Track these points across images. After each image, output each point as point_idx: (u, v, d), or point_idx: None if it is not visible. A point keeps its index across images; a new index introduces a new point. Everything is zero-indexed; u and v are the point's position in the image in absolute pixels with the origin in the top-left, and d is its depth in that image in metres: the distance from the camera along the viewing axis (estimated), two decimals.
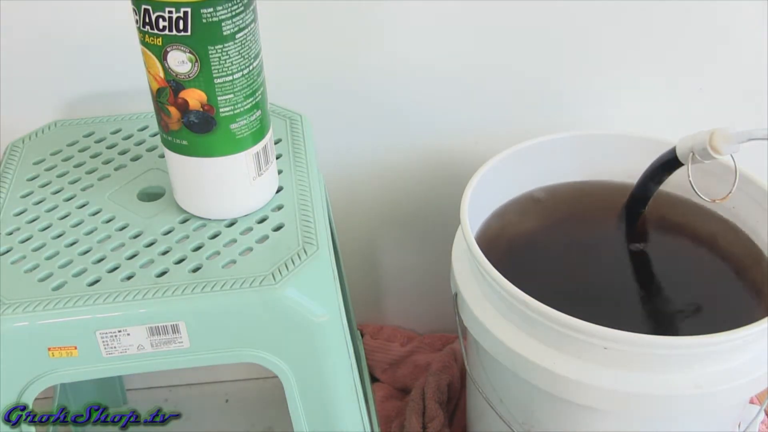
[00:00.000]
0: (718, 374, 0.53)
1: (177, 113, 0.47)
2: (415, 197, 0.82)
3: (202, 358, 0.48)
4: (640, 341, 0.50)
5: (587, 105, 0.76)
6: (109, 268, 0.48)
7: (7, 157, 0.59)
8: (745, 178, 0.63)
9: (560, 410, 0.59)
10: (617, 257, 0.65)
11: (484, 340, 0.59)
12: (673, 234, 0.68)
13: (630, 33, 0.71)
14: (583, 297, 0.60)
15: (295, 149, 0.59)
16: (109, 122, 0.63)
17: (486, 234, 0.66)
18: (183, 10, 0.43)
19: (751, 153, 0.61)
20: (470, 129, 0.77)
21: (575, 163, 0.71)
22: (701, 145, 0.57)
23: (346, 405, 0.52)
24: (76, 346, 0.46)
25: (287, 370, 0.48)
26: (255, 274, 0.47)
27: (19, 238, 0.51)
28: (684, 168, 0.60)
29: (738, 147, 0.56)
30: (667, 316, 0.60)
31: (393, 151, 0.78)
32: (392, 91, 0.74)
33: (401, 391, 0.87)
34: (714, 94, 0.75)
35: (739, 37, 0.72)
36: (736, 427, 0.64)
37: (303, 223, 0.51)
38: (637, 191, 0.66)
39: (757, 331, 0.50)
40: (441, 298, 0.76)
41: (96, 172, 0.57)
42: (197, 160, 0.49)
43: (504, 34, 0.71)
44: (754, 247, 0.64)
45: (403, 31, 0.70)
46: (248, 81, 0.47)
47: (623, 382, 0.53)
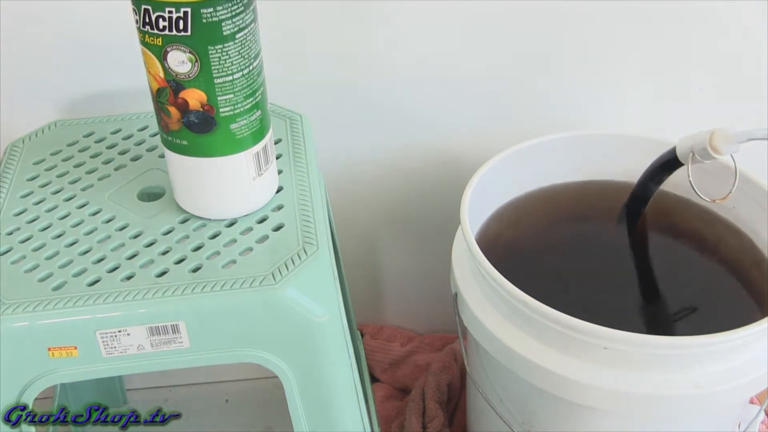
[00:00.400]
0: (718, 374, 0.53)
1: (177, 113, 0.47)
2: (415, 197, 0.82)
3: (202, 358, 0.48)
4: (640, 341, 0.50)
5: (587, 105, 0.76)
6: (109, 268, 0.48)
7: (7, 157, 0.59)
8: (745, 178, 0.62)
9: (560, 410, 0.59)
10: (617, 257, 0.65)
11: (484, 340, 0.59)
12: (673, 234, 0.67)
13: (630, 33, 0.71)
14: (583, 297, 0.60)
15: (295, 149, 0.59)
16: (109, 122, 0.63)
17: (486, 234, 0.66)
18: (183, 10, 0.43)
19: (751, 153, 0.61)
20: (470, 129, 0.77)
21: (575, 163, 0.71)
22: (701, 145, 0.57)
23: (346, 405, 0.52)
24: (76, 346, 0.46)
25: (287, 370, 0.48)
26: (255, 274, 0.47)
27: (19, 238, 0.51)
28: (684, 168, 0.60)
29: (738, 147, 0.56)
30: (667, 316, 0.60)
31: (393, 151, 0.78)
32: (392, 91, 0.74)
33: (401, 391, 0.87)
34: (714, 94, 0.75)
35: (739, 37, 0.72)
36: (736, 427, 0.64)
37: (303, 223, 0.51)
38: (637, 191, 0.66)
39: (757, 331, 0.50)
40: (441, 298, 0.76)
41: (96, 172, 0.57)
42: (197, 160, 0.49)
43: (504, 34, 0.71)
44: (754, 247, 0.64)
45: (404, 31, 0.70)
46: (248, 81, 0.47)
47: (623, 382, 0.53)
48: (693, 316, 0.59)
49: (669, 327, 0.59)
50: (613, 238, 0.67)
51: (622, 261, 0.65)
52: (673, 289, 0.62)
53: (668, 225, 0.68)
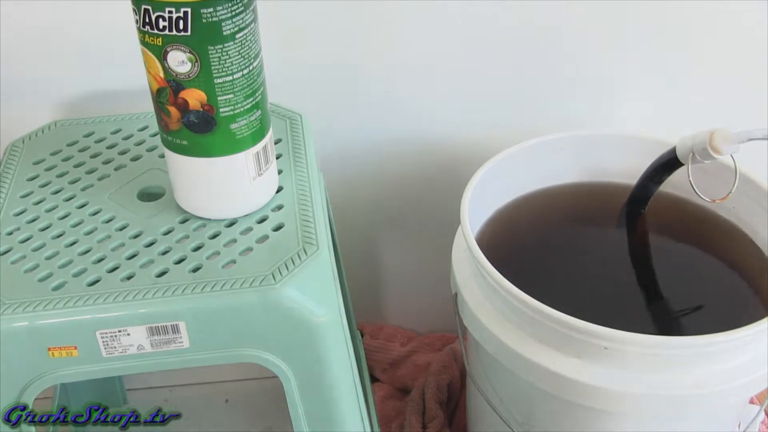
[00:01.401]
0: (718, 374, 0.53)
1: (177, 113, 0.47)
2: (416, 197, 0.82)
3: (202, 358, 0.48)
4: (640, 341, 0.50)
5: (587, 105, 0.76)
6: (109, 268, 0.48)
7: (7, 157, 0.59)
8: (745, 178, 0.62)
9: (560, 410, 0.59)
10: (617, 257, 0.65)
11: (484, 340, 0.59)
12: (673, 234, 0.67)
13: (630, 33, 0.71)
14: (583, 297, 0.60)
15: (295, 149, 0.59)
16: (109, 122, 0.63)
17: (486, 234, 0.66)
18: (183, 10, 0.43)
19: (751, 153, 0.61)
20: (470, 129, 0.77)
21: (575, 163, 0.71)
22: (701, 145, 0.57)
23: (346, 405, 0.52)
24: (76, 346, 0.46)
25: (287, 370, 0.48)
26: (255, 274, 0.47)
27: (19, 238, 0.51)
28: (684, 168, 0.60)
29: (738, 147, 0.56)
30: (667, 316, 0.60)
31: (393, 151, 0.78)
32: (392, 91, 0.74)
33: (401, 391, 0.87)
34: (714, 94, 0.75)
35: (739, 37, 0.72)
36: (736, 427, 0.64)
37: (303, 223, 0.51)
38: (637, 191, 0.66)
39: (757, 331, 0.50)
40: (441, 298, 0.76)
41: (96, 172, 0.57)
42: (197, 160, 0.49)
43: (504, 34, 0.71)
44: (754, 247, 0.64)
45: (404, 31, 0.70)
46: (248, 81, 0.47)
47: (623, 382, 0.53)
48: (693, 316, 0.59)
49: (669, 327, 0.59)
50: (614, 238, 0.67)
51: (623, 261, 0.65)
52: (673, 289, 0.62)
53: (668, 225, 0.68)
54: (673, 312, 0.60)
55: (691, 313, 0.59)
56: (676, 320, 0.59)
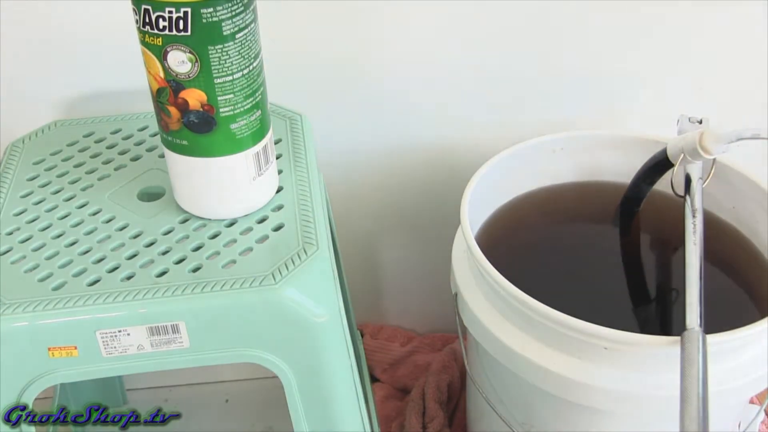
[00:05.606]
0: (719, 374, 0.53)
1: (177, 113, 0.47)
2: (415, 197, 0.82)
3: (202, 358, 0.48)
4: (640, 341, 0.50)
5: (587, 105, 0.76)
6: (109, 268, 0.48)
7: (7, 157, 0.59)
8: (745, 178, 0.63)
9: (560, 410, 0.59)
10: (617, 257, 0.65)
11: (484, 340, 0.59)
12: (673, 234, 0.67)
13: (630, 33, 0.71)
14: (583, 297, 0.60)
15: (295, 149, 0.59)
16: (109, 122, 0.63)
17: (486, 234, 0.66)
18: (183, 10, 0.43)
19: (751, 153, 0.61)
20: (470, 129, 0.77)
21: (575, 163, 0.71)
22: (691, 145, 0.57)
23: (346, 405, 0.52)
24: (76, 346, 0.46)
25: (287, 370, 0.48)
26: (255, 274, 0.47)
27: (19, 238, 0.51)
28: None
29: (727, 147, 0.56)
30: (667, 316, 0.60)
31: (393, 151, 0.78)
32: (392, 91, 0.74)
33: (401, 391, 0.87)
34: (714, 94, 0.75)
35: (739, 37, 0.72)
36: (736, 427, 0.64)
37: (303, 223, 0.51)
38: (630, 192, 0.66)
39: (757, 331, 0.50)
40: (441, 298, 0.76)
41: (96, 172, 0.57)
42: (197, 160, 0.49)
43: (504, 34, 0.71)
44: (753, 247, 0.64)
45: (404, 31, 0.70)
46: (248, 81, 0.47)
47: (623, 382, 0.53)
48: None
49: (669, 327, 0.59)
50: (614, 239, 0.67)
51: (623, 261, 0.65)
52: (673, 290, 0.62)
53: (668, 225, 0.68)
54: (672, 312, 0.60)
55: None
56: (675, 320, 0.59)
